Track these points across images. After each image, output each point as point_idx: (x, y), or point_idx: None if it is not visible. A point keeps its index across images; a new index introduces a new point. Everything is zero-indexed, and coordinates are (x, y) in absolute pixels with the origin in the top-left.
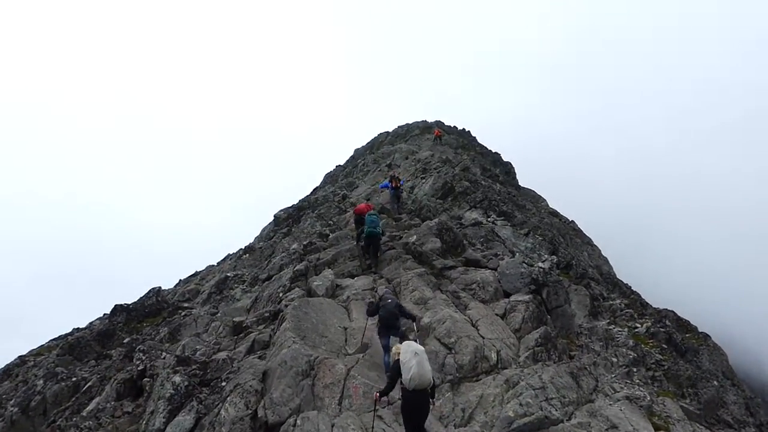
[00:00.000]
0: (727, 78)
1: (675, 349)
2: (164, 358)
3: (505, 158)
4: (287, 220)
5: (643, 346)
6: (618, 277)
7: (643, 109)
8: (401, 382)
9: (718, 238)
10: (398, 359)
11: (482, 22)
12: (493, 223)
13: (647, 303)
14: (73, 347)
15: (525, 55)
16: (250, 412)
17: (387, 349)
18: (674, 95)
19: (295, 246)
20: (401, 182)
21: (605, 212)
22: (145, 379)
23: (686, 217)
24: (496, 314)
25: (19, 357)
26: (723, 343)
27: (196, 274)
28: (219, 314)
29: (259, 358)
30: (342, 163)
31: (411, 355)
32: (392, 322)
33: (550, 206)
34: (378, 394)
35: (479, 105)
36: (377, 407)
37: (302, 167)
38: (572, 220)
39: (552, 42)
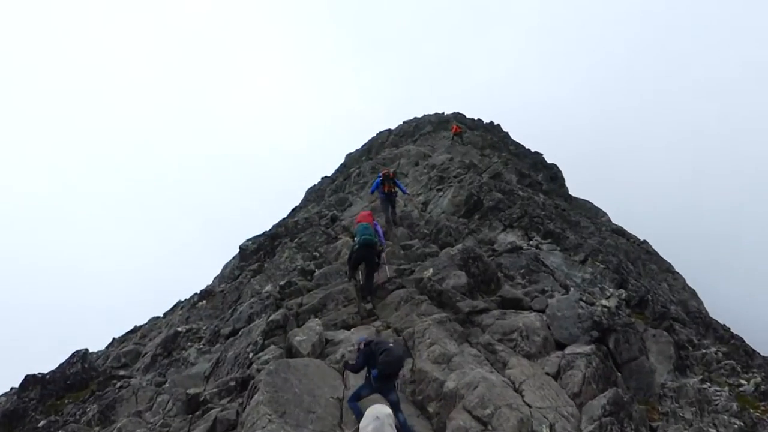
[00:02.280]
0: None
1: None
2: None
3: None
4: (257, 252)
5: (751, 411)
6: (710, 315)
7: None
8: None
9: None
10: None
11: None
12: (536, 247)
13: (753, 350)
14: None
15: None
16: None
17: (398, 405)
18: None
19: (268, 288)
20: (396, 182)
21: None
22: None
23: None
24: (547, 373)
25: None
26: None
27: (135, 329)
28: (167, 385)
29: None
30: (330, 174)
31: (371, 419)
32: (398, 370)
33: (614, 222)
34: None
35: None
36: None
37: (264, 187)
38: (644, 240)
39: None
